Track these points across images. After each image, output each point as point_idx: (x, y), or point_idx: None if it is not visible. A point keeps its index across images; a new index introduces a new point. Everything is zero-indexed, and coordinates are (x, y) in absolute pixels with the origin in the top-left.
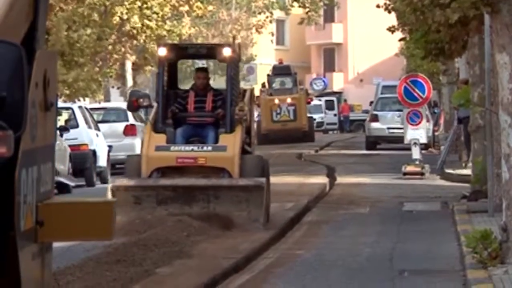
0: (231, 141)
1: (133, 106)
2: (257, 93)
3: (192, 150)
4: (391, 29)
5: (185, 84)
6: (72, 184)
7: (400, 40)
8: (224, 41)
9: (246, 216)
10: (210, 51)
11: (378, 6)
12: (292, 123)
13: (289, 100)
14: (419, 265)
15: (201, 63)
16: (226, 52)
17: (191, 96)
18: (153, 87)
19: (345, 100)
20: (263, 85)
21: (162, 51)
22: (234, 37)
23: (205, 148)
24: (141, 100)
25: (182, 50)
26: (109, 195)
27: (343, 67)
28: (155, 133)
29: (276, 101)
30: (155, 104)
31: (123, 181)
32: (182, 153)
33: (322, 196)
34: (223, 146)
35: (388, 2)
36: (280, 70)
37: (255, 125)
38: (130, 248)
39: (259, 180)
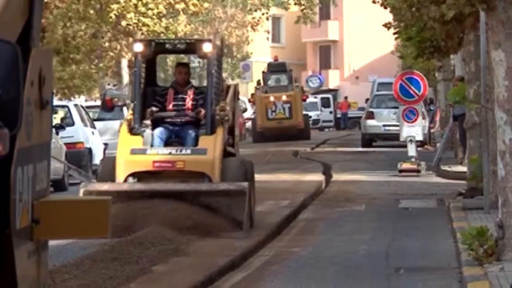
0: (212, 144)
1: (107, 105)
2: (252, 90)
3: (170, 153)
4: (387, 26)
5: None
6: (84, 179)
7: (394, 33)
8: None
9: (227, 223)
10: (189, 47)
11: (374, 2)
12: (288, 120)
13: (284, 98)
14: (415, 262)
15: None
16: (207, 47)
17: (170, 93)
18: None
19: (346, 98)
20: (258, 82)
21: (138, 47)
22: (216, 31)
23: (183, 152)
24: (116, 99)
25: (160, 46)
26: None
27: (339, 65)
28: (131, 135)
29: (272, 98)
30: (131, 103)
31: (95, 186)
32: (159, 156)
33: (318, 194)
34: (203, 149)
35: None
36: (275, 67)
37: (253, 123)
38: (126, 246)
39: (241, 185)
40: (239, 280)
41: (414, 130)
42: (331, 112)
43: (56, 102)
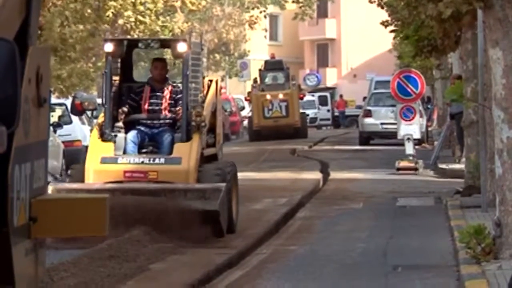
0: (187, 152)
1: (77, 109)
2: (248, 88)
3: (143, 162)
4: (385, 24)
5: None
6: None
7: (391, 31)
8: (217, 37)
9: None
10: (163, 46)
11: (370, 2)
12: (284, 119)
13: (281, 96)
14: (413, 260)
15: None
16: (181, 47)
17: (146, 91)
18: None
19: (341, 96)
20: (255, 80)
21: (109, 47)
22: (191, 31)
23: (156, 161)
24: (86, 103)
25: (133, 45)
26: None
27: (337, 63)
28: (102, 141)
29: (268, 96)
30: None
31: (64, 185)
32: (131, 166)
33: (316, 192)
34: (177, 158)
35: None
36: (272, 65)
37: (249, 122)
38: (123, 244)
39: (217, 185)
40: (236, 278)
41: (412, 128)
42: (328, 110)
43: (53, 100)
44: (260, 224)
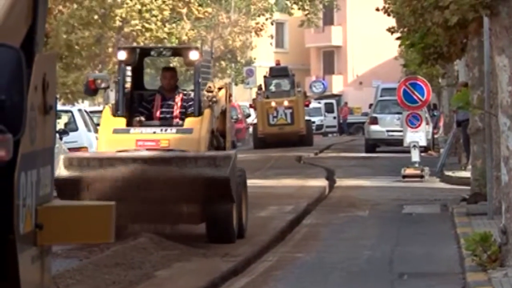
0: (198, 124)
1: (90, 87)
2: (254, 95)
3: (154, 132)
4: (391, 30)
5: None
6: None
7: (397, 39)
8: (223, 44)
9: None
10: (175, 54)
11: (377, 10)
12: (289, 126)
13: (286, 103)
14: (419, 268)
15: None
16: (193, 55)
17: (157, 99)
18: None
19: (346, 103)
20: (260, 87)
21: (122, 55)
22: (201, 40)
23: (168, 131)
24: (99, 81)
25: (145, 53)
26: (62, 166)
27: (343, 70)
28: (114, 117)
29: (273, 104)
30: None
31: (76, 153)
32: (143, 135)
33: (322, 199)
34: (189, 129)
35: (387, 5)
36: (277, 72)
37: (254, 129)
38: (129, 251)
39: (227, 152)
40: (242, 286)
41: (418, 136)
42: (334, 118)
43: (59, 107)
44: (266, 231)
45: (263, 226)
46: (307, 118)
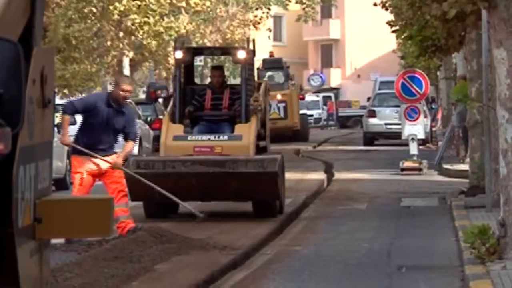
0: (247, 131)
1: (151, 97)
2: None
3: (209, 139)
4: (390, 24)
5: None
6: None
7: (393, 32)
8: (221, 37)
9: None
10: (225, 53)
11: (375, 5)
12: (283, 121)
13: (279, 97)
14: (417, 261)
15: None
16: (241, 54)
17: (208, 94)
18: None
19: (330, 97)
20: None
21: (179, 54)
22: (248, 38)
23: (221, 138)
24: (159, 91)
25: (197, 53)
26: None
27: (341, 63)
28: (173, 124)
29: None
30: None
31: (143, 155)
32: (199, 142)
33: (320, 192)
34: (239, 135)
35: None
36: (270, 64)
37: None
38: (128, 245)
39: (274, 156)
40: (241, 279)
41: (416, 129)
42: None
43: (58, 101)
44: (264, 224)
45: (261, 219)
46: (303, 112)
